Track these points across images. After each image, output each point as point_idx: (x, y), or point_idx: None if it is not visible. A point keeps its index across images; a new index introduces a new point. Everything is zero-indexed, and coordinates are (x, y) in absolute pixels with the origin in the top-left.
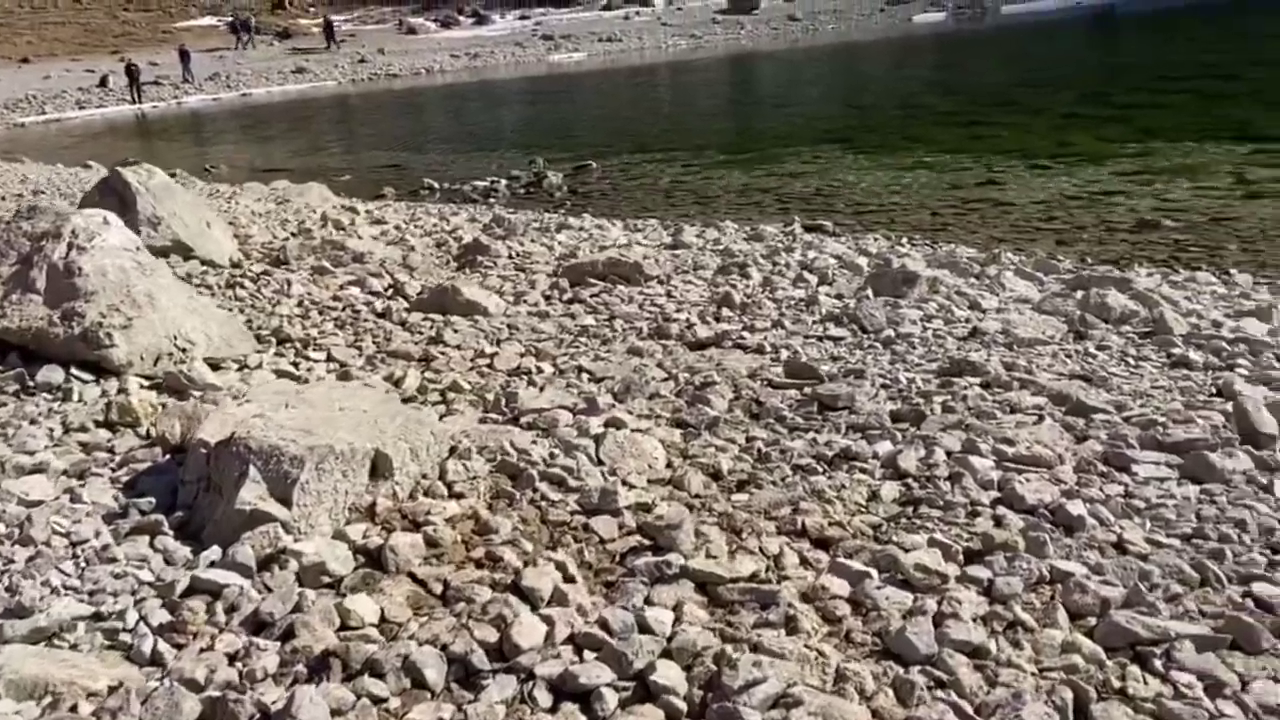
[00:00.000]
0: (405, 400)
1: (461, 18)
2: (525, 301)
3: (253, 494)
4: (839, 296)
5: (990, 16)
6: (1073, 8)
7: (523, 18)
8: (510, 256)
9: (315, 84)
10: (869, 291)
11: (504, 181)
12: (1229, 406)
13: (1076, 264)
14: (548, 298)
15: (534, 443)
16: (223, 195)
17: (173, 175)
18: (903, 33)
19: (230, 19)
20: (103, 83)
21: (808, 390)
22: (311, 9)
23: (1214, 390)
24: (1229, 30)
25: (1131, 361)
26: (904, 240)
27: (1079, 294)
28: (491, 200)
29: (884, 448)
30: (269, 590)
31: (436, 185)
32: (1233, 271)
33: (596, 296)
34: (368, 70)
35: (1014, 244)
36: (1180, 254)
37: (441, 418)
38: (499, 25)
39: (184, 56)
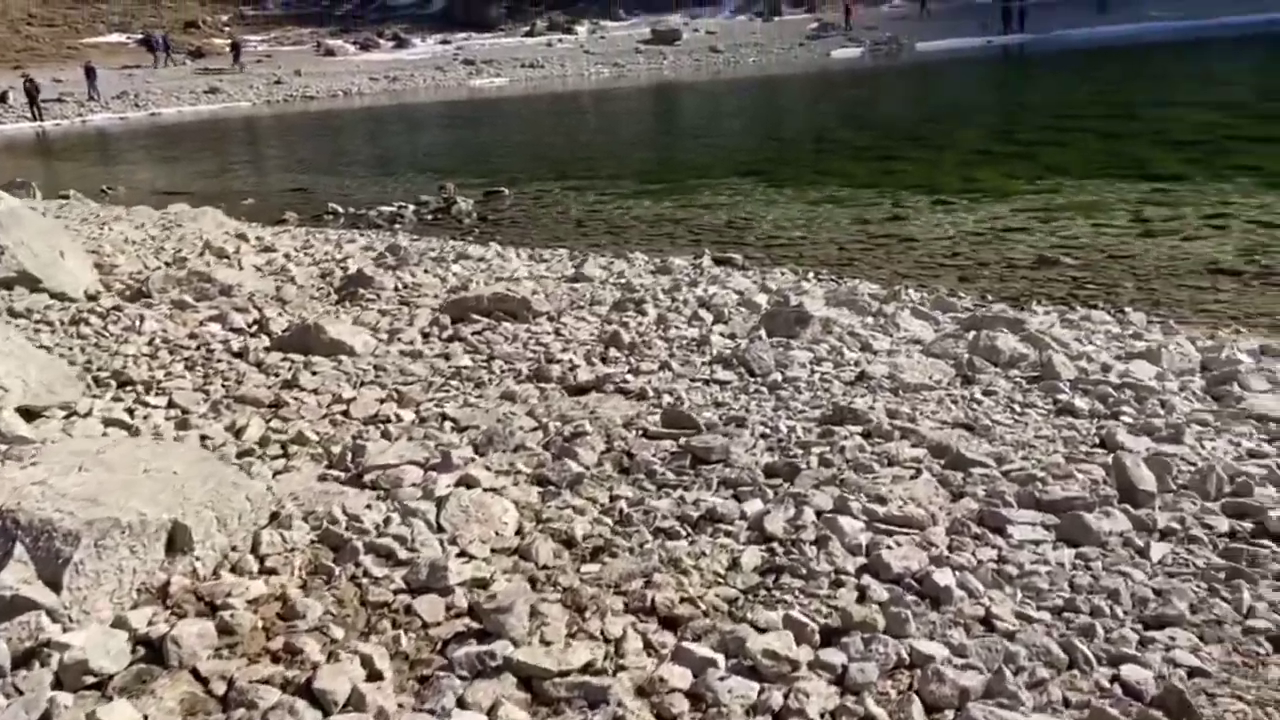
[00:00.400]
0: (242, 454)
1: (381, 40)
2: (399, 340)
3: (15, 576)
4: (732, 336)
5: (906, 53)
6: (984, 45)
7: (444, 42)
8: (397, 289)
9: (228, 105)
10: (762, 332)
11: (411, 207)
12: (1111, 459)
13: (976, 301)
14: (425, 335)
15: (369, 507)
16: (101, 220)
17: (65, 196)
18: (821, 67)
19: (142, 36)
20: (2, 99)
21: (683, 441)
22: (226, 29)
23: (1097, 440)
24: (1130, 69)
25: (1017, 409)
26: (810, 275)
27: (971, 335)
28: (397, 227)
29: (753, 507)
30: (20, 694)
31: (341, 210)
32: (1128, 310)
33: (479, 335)
34: (283, 91)
35: (918, 279)
36: (1078, 291)
37: (276, 475)
38: (420, 49)
39: (90, 74)
